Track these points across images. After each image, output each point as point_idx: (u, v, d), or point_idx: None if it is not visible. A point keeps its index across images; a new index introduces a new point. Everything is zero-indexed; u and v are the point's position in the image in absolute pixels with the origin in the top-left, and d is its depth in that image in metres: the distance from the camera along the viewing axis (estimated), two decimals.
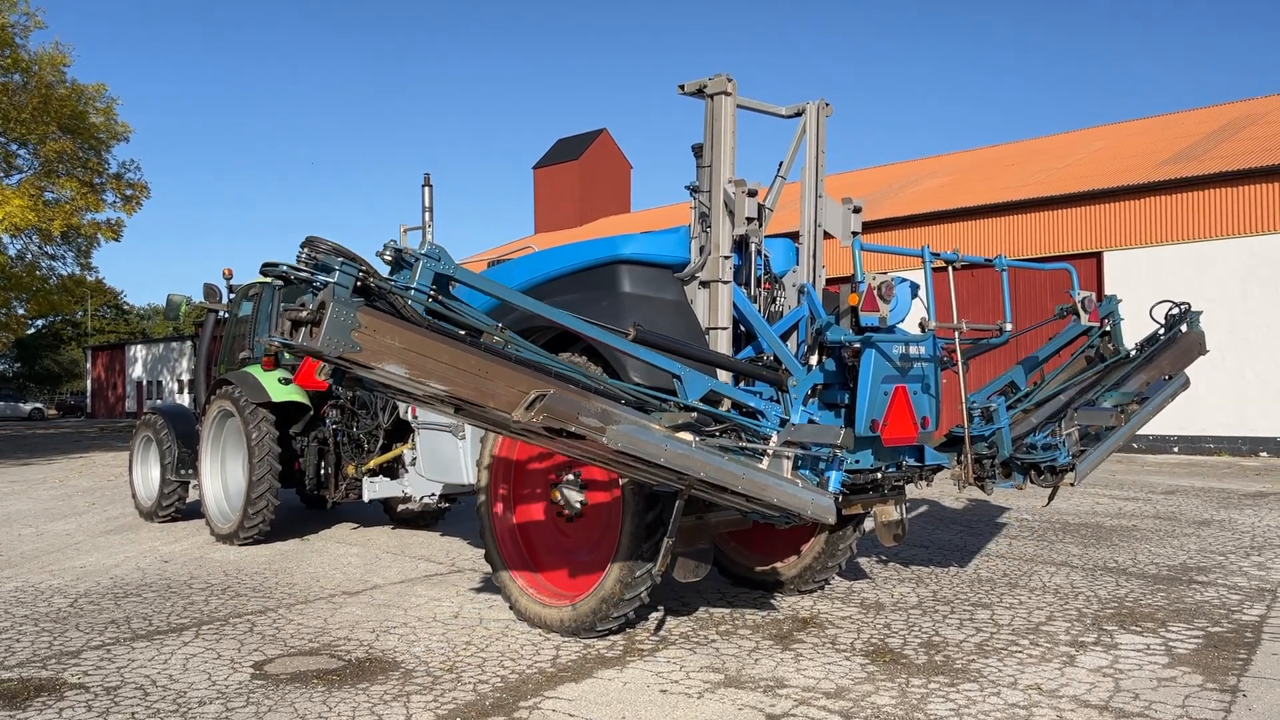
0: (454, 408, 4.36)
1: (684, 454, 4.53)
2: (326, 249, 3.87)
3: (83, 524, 11.17)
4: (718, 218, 5.89)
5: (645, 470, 4.75)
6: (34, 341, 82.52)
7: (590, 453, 4.73)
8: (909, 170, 32.62)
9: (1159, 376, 7.07)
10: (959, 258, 5.34)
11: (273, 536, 9.61)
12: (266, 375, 9.51)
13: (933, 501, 12.04)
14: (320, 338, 3.69)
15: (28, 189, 22.10)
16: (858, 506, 6.36)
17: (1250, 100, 27.24)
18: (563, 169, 47.52)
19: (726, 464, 4.67)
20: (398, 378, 3.92)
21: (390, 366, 3.86)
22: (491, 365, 4.11)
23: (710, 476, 4.59)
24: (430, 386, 3.98)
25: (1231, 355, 19.94)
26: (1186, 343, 7.33)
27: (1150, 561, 8.13)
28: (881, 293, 4.82)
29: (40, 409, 69.53)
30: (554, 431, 4.30)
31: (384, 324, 3.86)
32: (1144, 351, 7.18)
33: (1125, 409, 6.50)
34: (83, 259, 32.95)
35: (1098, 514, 11.08)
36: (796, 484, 4.85)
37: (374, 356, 3.81)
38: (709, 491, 4.85)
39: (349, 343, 3.74)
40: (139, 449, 11.33)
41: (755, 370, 5.44)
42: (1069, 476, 6.16)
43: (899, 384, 5.47)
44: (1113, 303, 7.14)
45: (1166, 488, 13.90)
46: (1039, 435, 6.10)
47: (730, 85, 5.92)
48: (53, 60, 27.76)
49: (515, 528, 6.51)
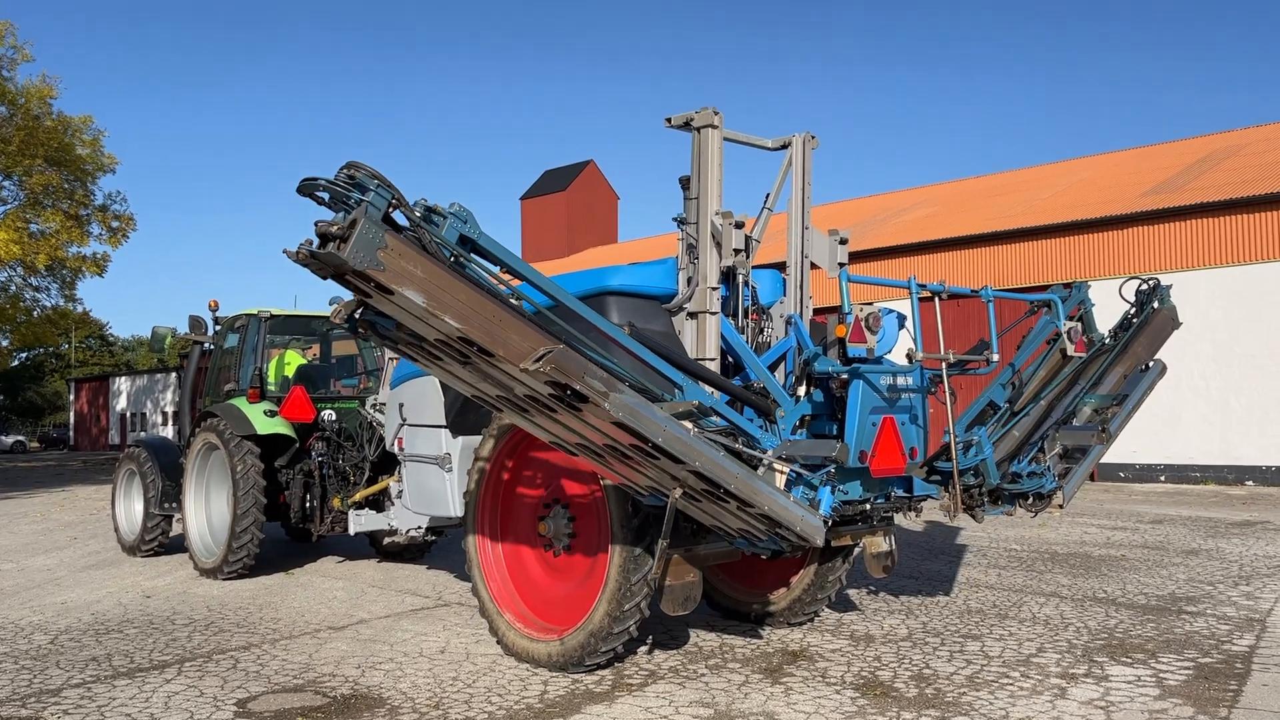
0: (461, 358, 4.37)
1: (681, 438, 4.47)
2: (366, 172, 3.99)
3: (64, 559, 11.03)
4: (705, 249, 5.91)
5: (638, 463, 4.70)
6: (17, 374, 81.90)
7: (587, 436, 4.66)
8: (895, 201, 32.86)
9: (1135, 367, 7.01)
10: (945, 289, 5.36)
11: (257, 570, 9.51)
12: (252, 407, 9.45)
13: (921, 532, 12.01)
14: (347, 250, 3.79)
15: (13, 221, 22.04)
16: (847, 538, 6.36)
17: (1230, 132, 27.60)
18: (550, 200, 47.70)
19: (722, 458, 4.62)
20: (416, 307, 3.99)
21: (410, 293, 3.95)
22: (507, 316, 4.21)
23: (705, 469, 4.52)
24: (446, 322, 4.05)
25: (1216, 385, 20.07)
26: (1159, 321, 7.25)
27: (1139, 591, 8.12)
28: (869, 324, 4.84)
29: (22, 442, 68.95)
30: (557, 395, 4.30)
31: (409, 251, 3.99)
32: (1119, 339, 7.10)
33: (1105, 423, 6.46)
34: (67, 290, 32.83)
35: (1086, 544, 11.08)
36: (789, 497, 4.82)
37: (396, 279, 3.91)
38: (701, 495, 4.77)
39: (374, 260, 3.85)
40: (122, 482, 11.22)
41: (746, 395, 5.43)
42: (1057, 498, 6.16)
43: (887, 415, 5.48)
44: (1083, 290, 7.06)
45: (1154, 517, 13.92)
46: (1023, 463, 6.09)
47: (717, 118, 5.96)
48: (40, 92, 27.79)
49: (503, 561, 6.47)
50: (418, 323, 4.14)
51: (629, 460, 4.74)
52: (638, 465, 4.75)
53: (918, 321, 5.19)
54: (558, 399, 4.35)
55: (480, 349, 4.17)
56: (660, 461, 4.59)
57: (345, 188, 3.96)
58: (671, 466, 4.60)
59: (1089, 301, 7.06)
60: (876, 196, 35.31)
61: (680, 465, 4.54)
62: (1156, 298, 7.31)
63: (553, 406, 4.46)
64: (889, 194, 34.98)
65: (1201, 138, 28.00)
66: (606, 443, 4.64)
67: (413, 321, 4.14)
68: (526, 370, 4.15)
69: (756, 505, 4.66)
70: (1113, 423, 6.50)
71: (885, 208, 31.91)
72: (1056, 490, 6.17)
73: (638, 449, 4.55)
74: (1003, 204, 26.76)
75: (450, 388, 6.88)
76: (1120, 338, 7.10)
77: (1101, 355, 6.94)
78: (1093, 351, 6.92)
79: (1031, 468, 6.06)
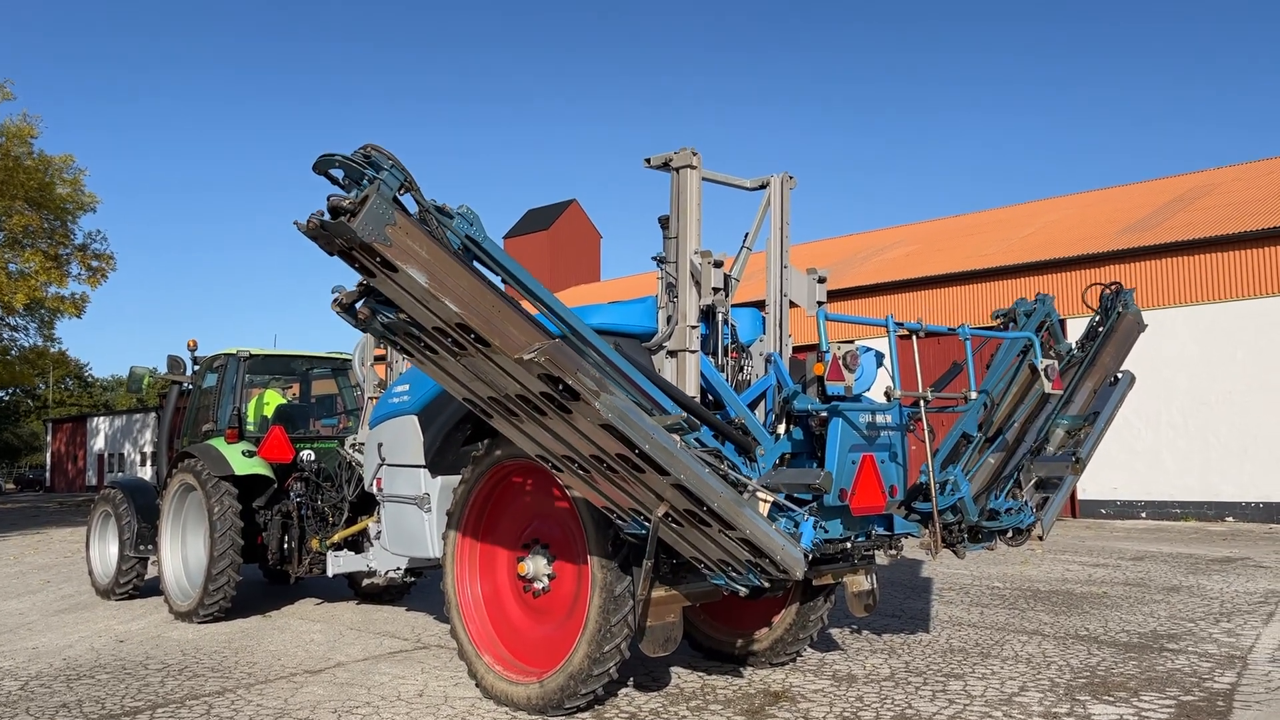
0: (457, 350, 4.41)
1: (668, 448, 4.48)
2: (382, 154, 4.14)
3: (37, 603, 10.85)
4: (684, 288, 5.93)
5: (623, 478, 4.67)
6: None
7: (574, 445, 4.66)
8: (874, 240, 33.13)
9: (1105, 379, 7.00)
10: (922, 327, 5.39)
11: (234, 613, 9.38)
12: (230, 448, 9.37)
13: (904, 569, 11.98)
14: (357, 222, 3.92)
15: None
16: (828, 577, 6.34)
17: (1203, 172, 28.03)
18: (533, 239, 47.88)
19: (707, 475, 4.61)
20: (418, 288, 4.10)
21: (414, 271, 4.07)
22: (506, 309, 4.32)
23: (689, 482, 4.52)
24: (446, 305, 4.14)
25: (1194, 421, 20.21)
26: (1125, 326, 7.24)
27: (1121, 629, 8.11)
28: (846, 362, 4.85)
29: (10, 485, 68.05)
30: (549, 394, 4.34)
31: (417, 231, 4.14)
32: (1086, 350, 7.07)
33: (1077, 452, 6.43)
34: (46, 330, 32.60)
35: (1068, 581, 11.08)
36: (771, 524, 4.80)
37: (401, 256, 4.04)
38: (684, 517, 4.75)
39: (382, 235, 3.99)
40: (97, 524, 11.07)
41: (727, 430, 5.42)
42: (1036, 530, 6.17)
43: (866, 453, 5.48)
44: (1047, 303, 7.01)
45: (1135, 553, 13.94)
46: (1000, 498, 6.09)
47: (695, 159, 6.01)
48: (20, 132, 27.74)
49: (482, 602, 6.40)
50: (418, 307, 4.24)
51: (614, 475, 4.73)
52: (622, 481, 4.74)
53: (895, 359, 5.21)
54: (549, 398, 4.40)
55: (478, 338, 4.27)
56: (646, 475, 4.60)
57: (360, 165, 4.10)
58: (656, 480, 4.60)
59: (1055, 314, 7.06)
60: (856, 235, 35.59)
61: (665, 478, 4.54)
62: (1121, 302, 7.30)
63: (543, 408, 4.50)
64: (868, 233, 35.28)
65: (1175, 177, 28.42)
66: (593, 453, 4.65)
67: (412, 306, 4.24)
68: (522, 360, 4.23)
69: (738, 528, 4.64)
70: (1085, 448, 6.50)
71: (865, 246, 32.16)
72: (1035, 523, 6.18)
73: (624, 460, 4.57)
74: (980, 242, 27.03)
75: (429, 426, 6.86)
76: (1088, 348, 7.08)
77: (1071, 368, 6.95)
78: (1062, 365, 6.95)
79: (1008, 503, 6.07)
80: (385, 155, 4.15)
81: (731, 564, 4.91)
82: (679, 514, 4.74)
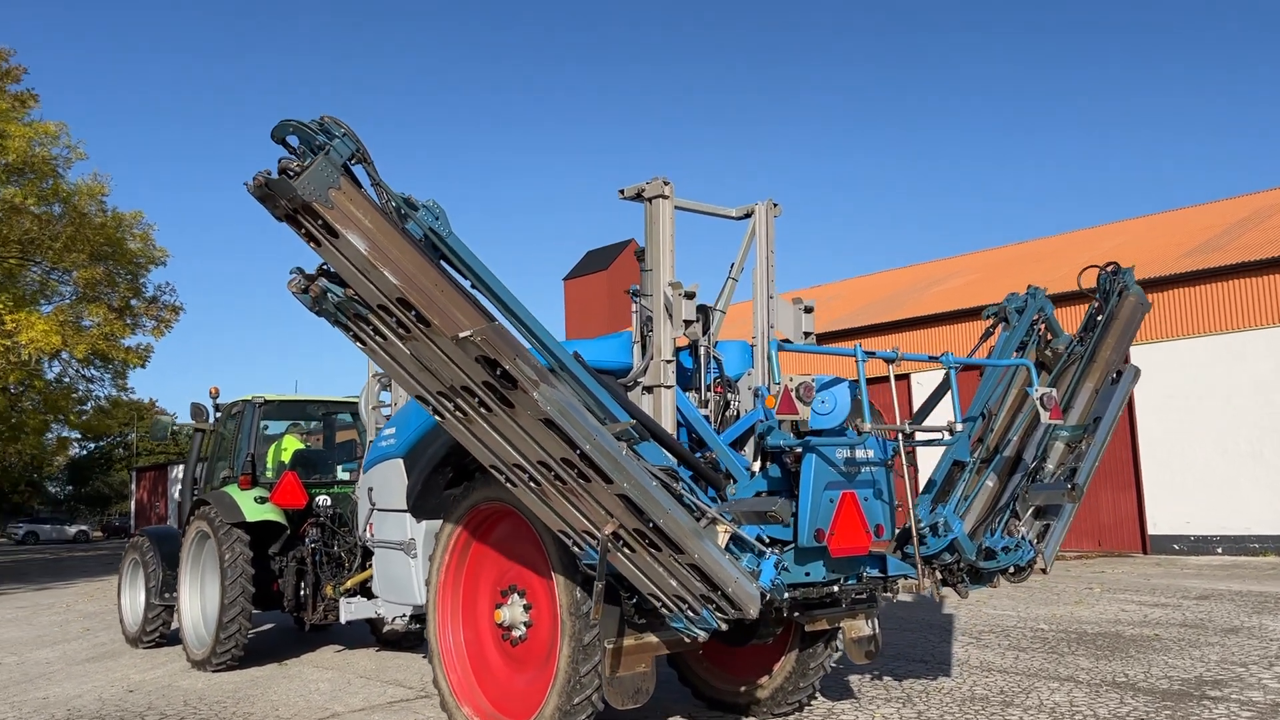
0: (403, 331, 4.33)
1: (611, 452, 4.32)
2: (337, 123, 4.19)
3: (67, 651, 10.95)
4: (659, 321, 5.72)
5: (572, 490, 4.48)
6: (85, 464, 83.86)
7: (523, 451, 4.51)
8: (933, 270, 32.46)
9: (1106, 376, 6.38)
10: (898, 356, 5.08)
11: (254, 660, 9.34)
12: (242, 494, 9.36)
13: (944, 612, 11.46)
14: (299, 181, 3.95)
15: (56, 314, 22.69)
16: (822, 622, 6.00)
17: (1273, 190, 26.89)
18: (592, 279, 47.86)
19: (655, 488, 4.40)
20: (358, 255, 4.09)
21: (354, 236, 4.08)
22: (449, 289, 4.23)
23: (633, 493, 4.32)
24: (385, 277, 4.11)
25: (1271, 449, 19.16)
26: (1126, 311, 6.58)
27: (1164, 674, 7.57)
28: (800, 394, 4.56)
29: (85, 531, 69.97)
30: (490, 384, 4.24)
31: (361, 199, 4.15)
32: (1085, 343, 6.46)
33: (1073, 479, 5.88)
34: (119, 381, 33.52)
35: (1120, 622, 10.46)
36: (725, 555, 4.51)
37: (341, 220, 4.06)
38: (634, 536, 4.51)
39: (324, 197, 4.01)
40: (127, 572, 11.16)
41: (695, 463, 5.17)
42: (1039, 563, 5.75)
43: (846, 490, 5.17)
44: (1039, 296, 6.55)
45: (1201, 592, 13.16)
46: (997, 535, 5.69)
47: (667, 189, 5.81)
48: (91, 190, 28.73)
49: (464, 650, 6.21)
50: (359, 278, 4.20)
51: (563, 486, 4.55)
52: (572, 493, 4.55)
53: (864, 390, 4.91)
54: (490, 387, 4.28)
55: (418, 315, 4.21)
56: (592, 485, 4.41)
57: (314, 131, 4.13)
58: (602, 491, 4.40)
59: (1049, 306, 6.58)
60: (915, 266, 34.94)
61: (610, 487, 4.35)
62: (1120, 283, 6.67)
63: (487, 401, 4.37)
64: (926, 264, 34.60)
65: (1244, 197, 27.30)
66: (540, 458, 4.49)
67: (354, 277, 4.21)
68: (458, 340, 4.15)
69: (687, 551, 4.39)
70: (1084, 470, 5.92)
71: (925, 277, 31.52)
72: (1036, 557, 5.76)
73: (569, 465, 4.39)
74: (1041, 270, 26.24)
75: (413, 470, 6.72)
76: (1088, 340, 6.48)
77: (1071, 367, 6.39)
78: (1060, 364, 6.43)
79: (1005, 541, 5.67)
80: (339, 125, 4.20)
81: (687, 600, 4.62)
82: (630, 535, 4.50)
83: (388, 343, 4.48)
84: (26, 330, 20.26)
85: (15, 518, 70.63)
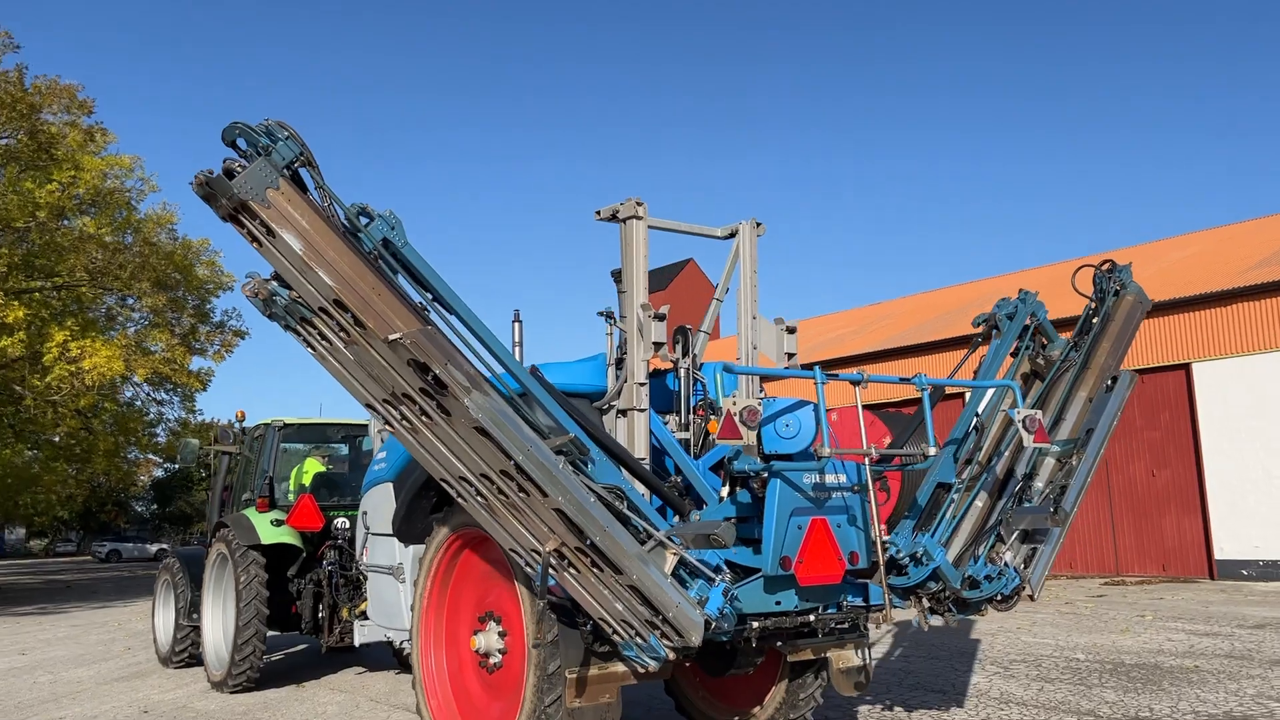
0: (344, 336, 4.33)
1: (546, 464, 4.24)
2: (282, 126, 4.29)
3: (102, 670, 11.18)
4: (633, 344, 5.63)
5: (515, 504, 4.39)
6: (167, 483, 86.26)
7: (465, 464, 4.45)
8: (985, 288, 31.76)
9: (1101, 384, 5.99)
10: (864, 378, 4.90)
11: (274, 681, 9.43)
12: (259, 517, 9.48)
13: (976, 639, 11.10)
14: (237, 180, 4.06)
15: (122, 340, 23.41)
16: (806, 652, 5.82)
17: None
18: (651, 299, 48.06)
19: (591, 504, 4.30)
20: (294, 255, 4.15)
21: (289, 236, 4.14)
22: (387, 293, 4.23)
23: (568, 507, 4.23)
24: (320, 278, 4.16)
25: None
26: (1124, 311, 6.17)
27: (1191, 709, 7.20)
28: (743, 418, 4.41)
29: (165, 549, 71.93)
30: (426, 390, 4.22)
31: (299, 200, 4.21)
32: (1080, 348, 6.08)
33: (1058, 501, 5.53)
34: (187, 404, 34.43)
35: (1162, 652, 10.00)
36: (668, 579, 4.39)
37: (277, 220, 4.13)
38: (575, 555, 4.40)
39: (261, 196, 4.10)
40: (160, 593, 11.37)
41: (658, 486, 5.04)
42: (1026, 590, 5.48)
43: (816, 516, 5.00)
44: (1030, 301, 6.18)
45: (1259, 620, 12.54)
46: (980, 564, 5.44)
47: (641, 209, 5.74)
48: (160, 219, 29.68)
49: (446, 677, 6.15)
50: (298, 279, 4.23)
51: (506, 500, 4.48)
52: (515, 508, 4.48)
53: (823, 413, 4.74)
54: (427, 394, 4.26)
55: (355, 318, 4.21)
56: (531, 498, 4.34)
57: (258, 134, 4.23)
58: (541, 506, 4.32)
59: (1041, 310, 6.21)
60: (975, 283, 34.24)
61: (545, 500, 4.27)
62: (1116, 282, 6.26)
63: (427, 409, 4.34)
64: (987, 280, 33.86)
65: None
66: (482, 470, 4.42)
67: (295, 279, 4.24)
68: (388, 342, 4.15)
69: (625, 572, 4.28)
70: (1071, 493, 5.54)
71: (977, 295, 30.84)
72: (1022, 585, 5.48)
73: (508, 478, 4.33)
74: None
75: (400, 493, 6.71)
76: (1083, 345, 6.09)
77: (1064, 375, 6.03)
78: (1053, 373, 6.08)
79: (988, 569, 5.42)
80: (285, 128, 4.30)
81: (634, 625, 4.49)
82: (573, 554, 4.40)
83: (333, 348, 4.48)
84: (90, 356, 20.92)
85: (102, 536, 72.72)
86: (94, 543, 71.24)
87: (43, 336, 21.58)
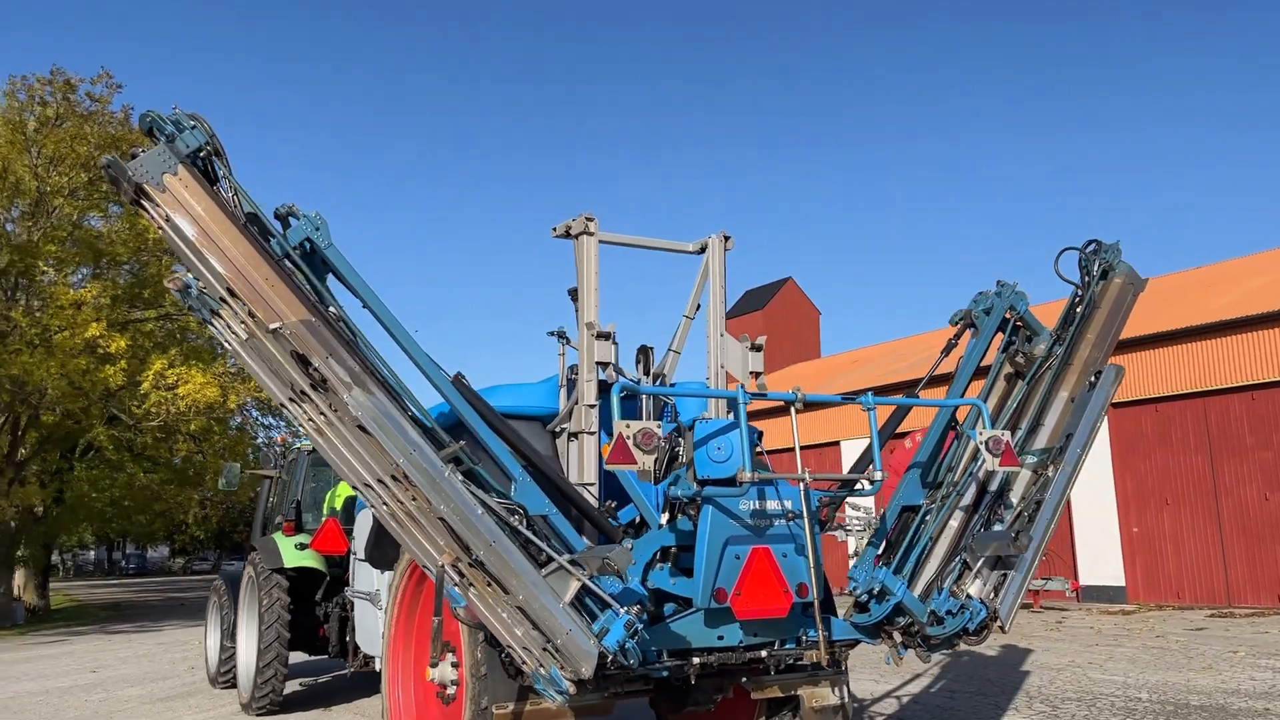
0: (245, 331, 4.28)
1: (430, 471, 4.10)
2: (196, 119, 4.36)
3: (153, 690, 11.46)
4: (583, 364, 5.41)
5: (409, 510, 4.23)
6: None
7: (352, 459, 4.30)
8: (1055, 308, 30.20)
9: (1084, 381, 5.42)
10: (799, 397, 4.56)
11: (304, 705, 9.48)
12: (285, 540, 9.56)
13: (1032, 673, 10.40)
14: (134, 163, 4.11)
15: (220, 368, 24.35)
16: (774, 689, 5.46)
17: None
18: (750, 319, 47.48)
19: (479, 516, 4.11)
20: (187, 240, 4.18)
21: (182, 222, 4.17)
22: (281, 285, 4.22)
23: (450, 518, 4.06)
24: (211, 264, 4.18)
25: None
26: (1111, 296, 5.56)
27: None
28: (637, 441, 4.13)
29: None
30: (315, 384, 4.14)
31: (199, 190, 4.24)
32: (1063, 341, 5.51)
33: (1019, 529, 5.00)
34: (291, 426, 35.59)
35: (1237, 692, 9.16)
36: (560, 604, 4.14)
37: (172, 204, 4.17)
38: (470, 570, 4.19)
39: (157, 181, 4.16)
40: (211, 614, 11.59)
41: (590, 510, 4.78)
42: (997, 621, 4.99)
43: (757, 545, 4.69)
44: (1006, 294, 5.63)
45: None
46: (943, 597, 4.98)
47: (591, 225, 5.53)
48: None
49: (412, 707, 6.03)
50: (195, 267, 4.25)
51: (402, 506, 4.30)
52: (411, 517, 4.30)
53: (745, 435, 4.42)
54: (320, 392, 4.18)
55: (248, 309, 4.19)
56: (418, 505, 4.19)
57: (166, 122, 4.32)
58: (429, 515, 4.16)
59: (1022, 303, 5.65)
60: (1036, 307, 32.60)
61: (429, 508, 4.13)
62: (1101, 264, 5.63)
63: (323, 409, 4.23)
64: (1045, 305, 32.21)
65: None
66: (377, 475, 4.27)
67: (192, 265, 4.26)
68: (270, 332, 4.12)
69: (510, 591, 4.06)
70: (1044, 510, 5.02)
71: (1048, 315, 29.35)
72: (992, 615, 4.98)
73: (397, 484, 4.19)
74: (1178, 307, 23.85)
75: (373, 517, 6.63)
76: (1065, 337, 5.52)
77: (1044, 372, 5.47)
78: (1033, 372, 5.51)
79: (949, 604, 4.96)
80: (195, 118, 4.37)
81: (535, 653, 4.23)
82: (467, 570, 4.18)
83: (240, 340, 4.43)
84: (185, 383, 21.78)
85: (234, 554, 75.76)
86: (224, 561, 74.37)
87: (144, 365, 22.57)
